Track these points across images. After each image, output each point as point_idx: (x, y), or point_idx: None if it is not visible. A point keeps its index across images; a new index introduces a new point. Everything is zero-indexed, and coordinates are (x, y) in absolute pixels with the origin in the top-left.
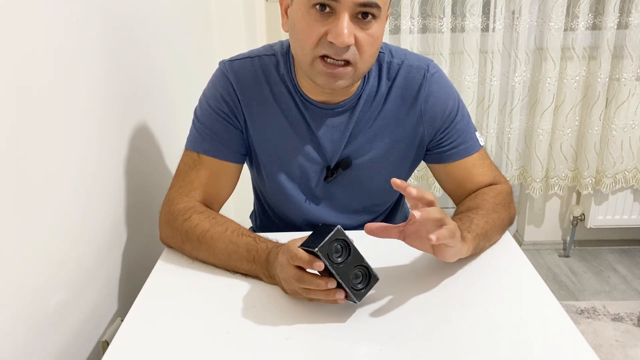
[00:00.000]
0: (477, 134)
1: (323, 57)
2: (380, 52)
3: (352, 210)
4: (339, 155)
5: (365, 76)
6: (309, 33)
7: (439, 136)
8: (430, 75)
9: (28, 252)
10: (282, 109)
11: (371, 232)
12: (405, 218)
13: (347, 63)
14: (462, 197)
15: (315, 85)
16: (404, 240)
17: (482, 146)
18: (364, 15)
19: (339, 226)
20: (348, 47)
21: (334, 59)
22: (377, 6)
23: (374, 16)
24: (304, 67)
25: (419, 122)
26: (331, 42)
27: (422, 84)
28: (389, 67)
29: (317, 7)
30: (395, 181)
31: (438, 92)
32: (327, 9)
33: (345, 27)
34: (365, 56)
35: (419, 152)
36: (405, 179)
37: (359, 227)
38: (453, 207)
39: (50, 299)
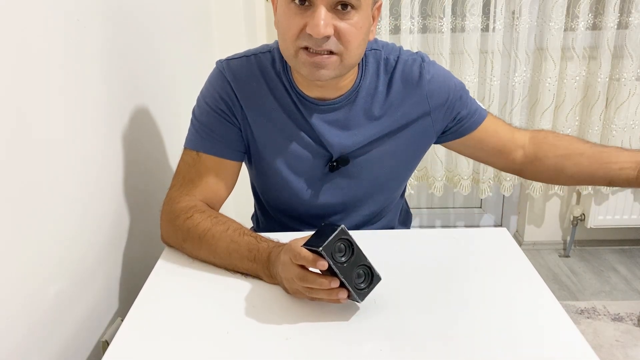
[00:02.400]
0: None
1: (306, 48)
2: (376, 49)
3: (355, 203)
4: (341, 148)
5: (361, 72)
6: (289, 26)
7: (454, 114)
8: (427, 64)
9: (28, 251)
10: (281, 104)
11: None
12: (406, 211)
13: (330, 53)
14: (508, 154)
15: (305, 78)
16: None
17: (486, 111)
18: (343, 6)
19: (342, 225)
20: (327, 38)
21: (315, 50)
22: None
23: (353, 6)
24: (289, 60)
25: (425, 108)
26: (310, 34)
27: (421, 72)
28: (386, 63)
29: (296, 1)
30: None
31: (438, 75)
32: (306, 3)
33: (321, 19)
34: (350, 46)
35: (426, 139)
36: (409, 173)
37: (361, 221)
38: (453, 207)
39: (50, 298)
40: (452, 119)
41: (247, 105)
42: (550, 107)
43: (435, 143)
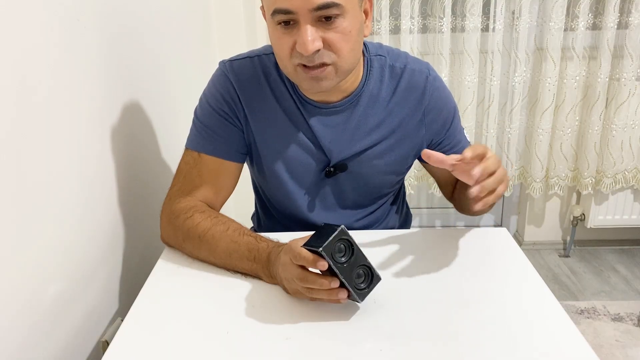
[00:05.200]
0: (464, 131)
1: (302, 64)
2: (381, 55)
3: (352, 206)
4: (339, 154)
5: (366, 76)
6: (281, 47)
7: (440, 138)
8: (433, 79)
9: (28, 251)
10: (283, 107)
11: (427, 158)
12: (406, 212)
13: (324, 64)
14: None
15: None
16: (452, 171)
17: (469, 143)
18: (326, 17)
19: (342, 226)
20: (317, 51)
21: (310, 65)
22: (335, 5)
23: (337, 15)
24: (290, 77)
25: (421, 124)
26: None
27: (425, 87)
28: (392, 70)
29: (282, 23)
30: (429, 153)
31: (439, 95)
32: (291, 22)
33: (308, 35)
34: (342, 53)
35: (417, 150)
36: (401, 179)
37: (359, 223)
38: (453, 207)
39: (50, 298)
40: (437, 142)
41: (249, 107)
42: (550, 107)
43: None
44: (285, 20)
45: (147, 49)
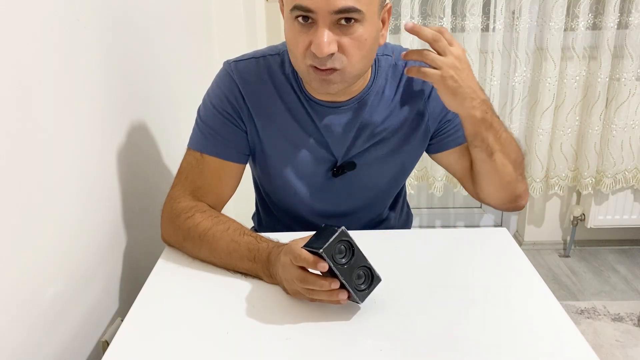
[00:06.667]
0: None
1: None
2: (388, 55)
3: (357, 206)
4: (345, 153)
5: (374, 76)
6: (296, 44)
7: (444, 123)
8: None
9: (28, 251)
10: (288, 107)
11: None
12: (407, 213)
13: (334, 69)
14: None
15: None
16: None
17: None
18: (346, 19)
19: (343, 227)
20: (331, 55)
21: (321, 68)
22: (355, 10)
23: (356, 19)
24: (302, 75)
25: (424, 113)
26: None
27: (425, 80)
28: (395, 69)
29: (299, 19)
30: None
31: None
32: (309, 20)
33: (324, 37)
34: (353, 60)
35: (422, 145)
36: (406, 177)
37: (362, 224)
38: (453, 207)
39: (50, 299)
40: (440, 129)
41: (255, 108)
42: (550, 107)
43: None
44: (304, 16)
45: (147, 48)
